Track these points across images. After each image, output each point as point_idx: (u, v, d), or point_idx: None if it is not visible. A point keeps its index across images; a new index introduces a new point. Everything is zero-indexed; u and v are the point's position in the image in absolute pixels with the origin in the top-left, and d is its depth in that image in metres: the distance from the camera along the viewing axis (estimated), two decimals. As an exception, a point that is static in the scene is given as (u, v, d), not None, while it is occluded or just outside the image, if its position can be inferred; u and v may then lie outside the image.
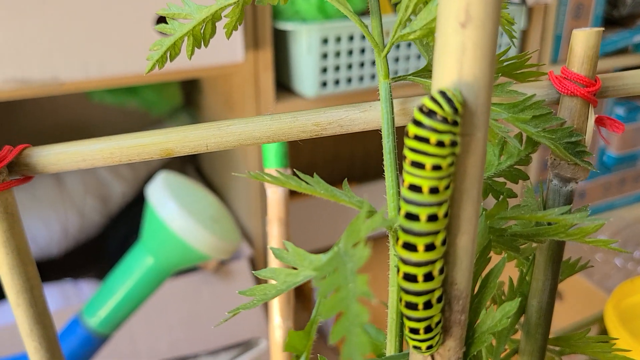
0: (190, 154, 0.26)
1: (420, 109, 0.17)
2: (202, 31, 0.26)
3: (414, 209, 0.17)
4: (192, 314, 0.74)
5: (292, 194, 0.46)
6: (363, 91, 0.82)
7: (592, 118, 0.25)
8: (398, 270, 0.18)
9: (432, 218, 0.17)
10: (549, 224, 0.26)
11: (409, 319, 0.19)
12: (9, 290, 0.26)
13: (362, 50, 0.80)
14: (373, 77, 0.82)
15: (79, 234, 0.85)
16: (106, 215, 0.87)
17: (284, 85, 0.83)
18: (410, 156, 0.17)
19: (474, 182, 0.18)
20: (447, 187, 0.17)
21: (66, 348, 0.59)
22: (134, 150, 0.26)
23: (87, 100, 0.85)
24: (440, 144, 0.17)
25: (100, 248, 0.88)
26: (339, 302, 0.15)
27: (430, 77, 0.27)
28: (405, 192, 0.17)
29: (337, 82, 0.80)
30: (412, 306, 0.18)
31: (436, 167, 0.17)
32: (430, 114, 0.17)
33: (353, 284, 0.16)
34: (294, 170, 0.25)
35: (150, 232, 0.57)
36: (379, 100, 0.25)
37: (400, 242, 0.18)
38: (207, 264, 0.76)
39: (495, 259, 0.29)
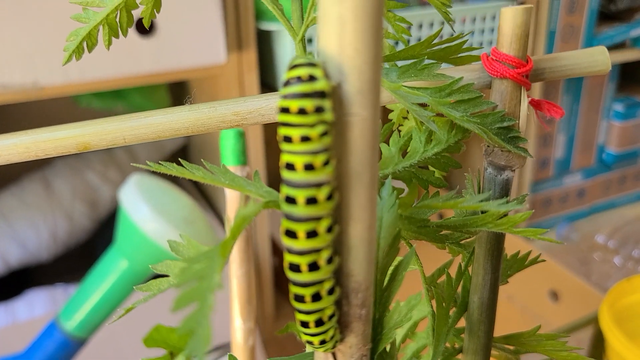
0: (108, 147, 0.25)
1: (282, 83, 0.16)
2: (117, 20, 0.25)
3: (291, 191, 0.16)
4: (167, 320, 0.73)
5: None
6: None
7: (525, 102, 0.24)
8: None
9: (311, 201, 0.16)
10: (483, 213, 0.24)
11: (299, 311, 0.18)
12: None
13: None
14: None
15: (69, 238, 0.84)
16: (95, 220, 0.87)
17: (269, 86, 0.82)
18: (280, 131, 0.16)
19: (366, 166, 0.17)
20: (325, 164, 0.16)
21: (43, 352, 0.58)
22: (50, 145, 0.25)
23: (74, 105, 0.85)
24: (302, 111, 0.16)
25: (90, 252, 0.88)
26: (195, 292, 0.14)
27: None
28: (283, 173, 0.16)
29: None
30: (299, 298, 0.17)
31: (305, 138, 0.16)
32: (288, 82, 0.16)
33: (215, 275, 0.15)
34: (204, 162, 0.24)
35: (124, 235, 0.57)
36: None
37: (283, 229, 0.17)
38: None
39: (438, 253, 0.28)
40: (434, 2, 0.27)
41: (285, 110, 0.16)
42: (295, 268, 0.17)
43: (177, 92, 0.97)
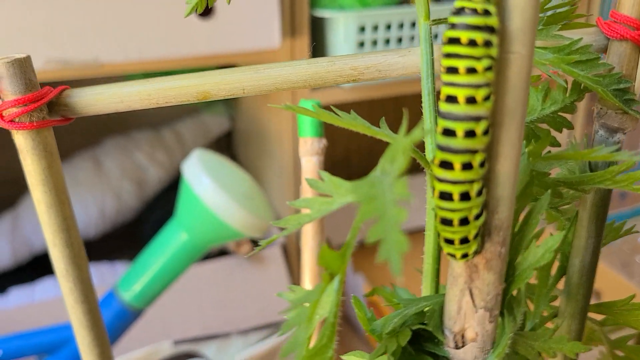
0: (226, 97, 0.26)
1: (452, 12, 0.17)
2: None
3: (450, 124, 0.17)
4: (224, 296, 0.74)
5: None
6: (399, 81, 0.82)
7: (642, 64, 0.24)
8: (434, 191, 0.18)
9: (470, 134, 0.17)
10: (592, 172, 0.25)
11: (444, 221, 0.18)
12: (46, 229, 0.26)
13: (400, 40, 0.79)
14: (411, 66, 0.81)
15: (116, 217, 0.86)
16: (142, 200, 0.88)
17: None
18: (444, 63, 0.17)
19: (519, 104, 0.18)
20: (486, 99, 0.17)
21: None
22: (170, 92, 0.26)
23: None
24: (472, 42, 0.16)
25: (136, 231, 0.89)
26: (377, 207, 0.15)
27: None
28: (442, 106, 0.17)
29: (374, 70, 0.80)
30: (447, 222, 0.18)
31: (470, 70, 0.16)
32: (459, 11, 0.16)
33: (390, 192, 0.15)
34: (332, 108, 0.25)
35: (185, 207, 0.58)
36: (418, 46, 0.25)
37: (437, 161, 0.17)
38: (240, 248, 0.76)
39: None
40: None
41: (454, 40, 0.17)
42: (448, 197, 0.18)
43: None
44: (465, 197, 0.18)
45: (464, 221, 0.18)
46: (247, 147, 0.98)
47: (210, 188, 0.55)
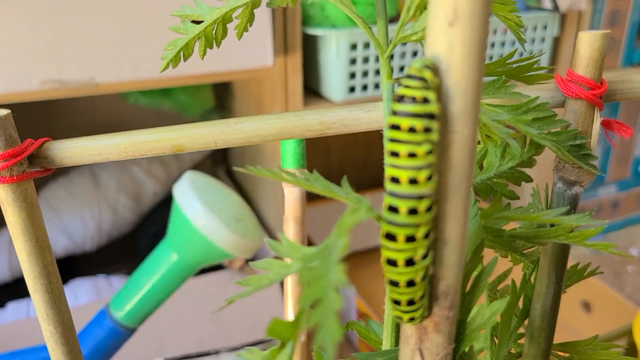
0: (200, 150, 0.27)
1: (394, 99, 0.18)
2: (213, 32, 0.27)
3: (394, 201, 0.18)
4: (217, 312, 0.75)
5: (311, 198, 0.47)
6: (392, 96, 0.83)
7: (597, 121, 0.25)
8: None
9: (412, 211, 0.18)
10: (551, 226, 0.26)
11: (393, 291, 0.19)
12: (27, 276, 0.27)
13: (391, 56, 0.80)
14: (403, 82, 0.82)
15: (112, 230, 0.87)
16: (138, 213, 0.89)
17: (312, 90, 0.84)
18: (388, 147, 0.18)
19: (463, 180, 0.19)
20: (428, 179, 0.18)
21: (93, 339, 0.61)
22: (146, 146, 0.27)
23: (122, 101, 0.88)
24: (412, 129, 0.17)
25: (132, 245, 0.90)
26: (319, 290, 0.16)
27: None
28: (387, 184, 0.18)
29: (364, 87, 0.81)
30: (395, 283, 0.19)
31: (411, 155, 0.17)
32: (400, 99, 0.17)
33: (333, 273, 0.16)
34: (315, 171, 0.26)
35: (176, 229, 0.59)
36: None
37: (383, 232, 0.18)
38: (233, 263, 0.77)
39: (499, 261, 0.29)
40: (508, 24, 0.28)
41: (395, 127, 0.18)
42: (393, 263, 0.19)
43: (221, 92, 0.99)
44: (409, 262, 0.19)
45: (410, 283, 0.19)
46: (241, 163, 0.99)
47: (200, 211, 0.56)
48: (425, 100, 0.17)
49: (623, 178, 1.11)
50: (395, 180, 0.18)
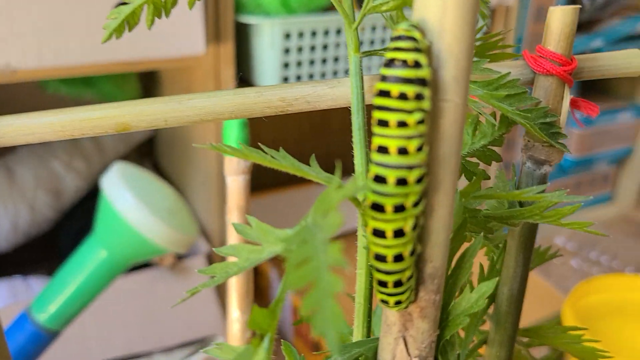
0: (148, 128, 0.25)
1: (383, 64, 0.16)
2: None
3: (382, 171, 0.16)
4: (147, 311, 0.71)
5: (252, 190, 0.44)
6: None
7: (567, 99, 0.25)
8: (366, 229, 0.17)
9: (401, 182, 0.16)
10: (522, 206, 0.25)
11: (379, 271, 0.18)
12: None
13: (325, 47, 0.79)
14: (335, 73, 0.81)
15: (30, 229, 0.81)
16: (59, 210, 0.84)
17: (245, 80, 0.82)
18: (376, 115, 0.16)
19: (453, 152, 0.17)
20: (418, 149, 0.16)
21: (14, 344, 0.56)
22: (86, 124, 0.24)
23: (42, 90, 0.82)
24: (402, 96, 0.16)
25: (52, 244, 0.85)
26: (310, 272, 0.14)
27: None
28: (374, 155, 0.16)
29: (298, 77, 0.79)
30: (381, 258, 0.17)
31: (401, 124, 0.16)
32: (390, 63, 0.16)
33: (324, 254, 0.14)
34: (260, 145, 0.24)
35: (104, 224, 0.55)
36: (348, 76, 0.24)
37: (369, 202, 0.17)
38: (163, 260, 0.74)
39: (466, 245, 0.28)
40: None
41: (384, 93, 0.16)
42: (381, 234, 0.17)
43: (147, 83, 0.95)
44: (399, 233, 0.17)
45: (398, 258, 0.17)
46: (170, 155, 0.95)
47: (131, 204, 0.53)
48: (417, 64, 0.16)
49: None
50: (383, 149, 0.16)
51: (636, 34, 1.09)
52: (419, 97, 0.16)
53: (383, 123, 0.16)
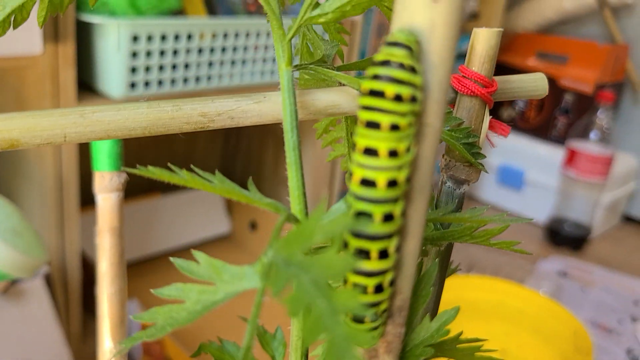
0: (42, 145, 0.21)
1: (373, 62, 0.15)
2: None
3: (370, 174, 0.15)
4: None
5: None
6: (175, 94, 0.78)
7: (487, 119, 0.25)
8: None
9: (392, 183, 0.15)
10: (442, 227, 0.25)
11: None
12: None
13: (175, 52, 0.75)
14: (185, 80, 0.78)
15: None
16: None
17: (86, 84, 0.75)
18: (364, 116, 0.15)
19: (428, 179, 0.16)
20: (407, 150, 0.15)
21: None
22: (-36, 140, 0.20)
23: None
24: (397, 98, 0.15)
25: None
26: (319, 323, 0.12)
27: (329, 68, 0.25)
28: (359, 157, 0.15)
29: (147, 83, 0.75)
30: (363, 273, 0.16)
31: (394, 127, 0.15)
32: (384, 63, 0.15)
33: (326, 300, 0.13)
34: (169, 165, 0.21)
35: None
36: (276, 90, 0.22)
37: (355, 212, 0.15)
38: (-6, 285, 0.65)
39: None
40: (389, 14, 0.27)
41: (377, 93, 0.15)
42: (365, 254, 0.16)
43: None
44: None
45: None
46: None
47: (-34, 224, 0.46)
48: (413, 70, 0.15)
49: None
50: (371, 152, 0.15)
51: (462, 53, 1.18)
52: (413, 99, 0.15)
53: (373, 125, 0.15)
